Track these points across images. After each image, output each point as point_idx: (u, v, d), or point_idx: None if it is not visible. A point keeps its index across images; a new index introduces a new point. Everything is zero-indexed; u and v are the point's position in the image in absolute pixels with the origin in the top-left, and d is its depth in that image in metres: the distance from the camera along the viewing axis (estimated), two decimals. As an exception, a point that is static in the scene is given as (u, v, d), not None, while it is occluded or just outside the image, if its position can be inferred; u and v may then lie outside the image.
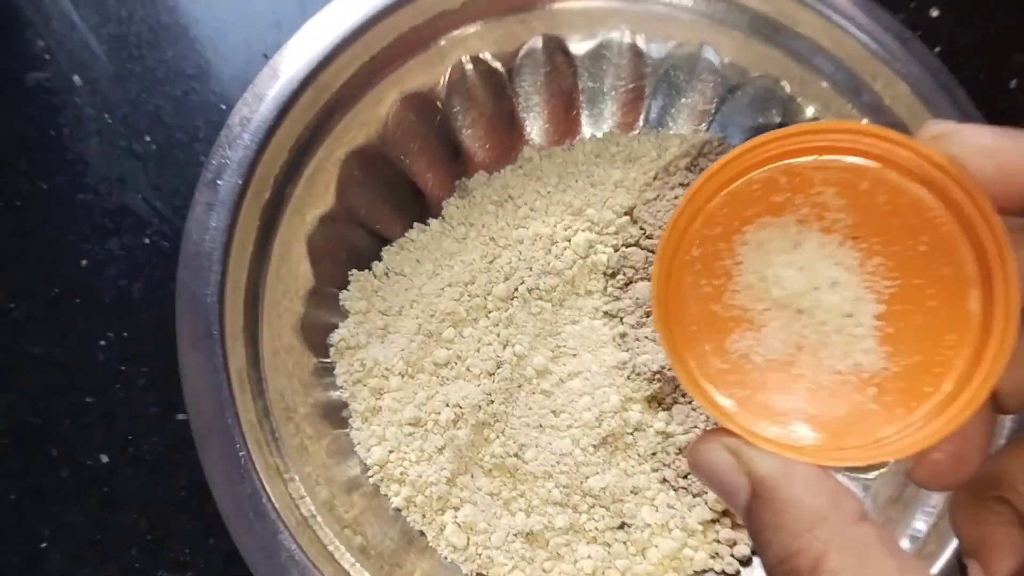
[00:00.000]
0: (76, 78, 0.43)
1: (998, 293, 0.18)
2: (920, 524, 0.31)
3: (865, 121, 0.36)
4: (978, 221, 0.18)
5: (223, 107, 0.42)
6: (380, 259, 0.38)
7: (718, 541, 0.34)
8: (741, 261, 0.20)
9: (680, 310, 0.20)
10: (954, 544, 0.30)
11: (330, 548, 0.31)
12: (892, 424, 0.19)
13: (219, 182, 0.33)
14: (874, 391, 0.19)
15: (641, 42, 0.39)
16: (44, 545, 0.36)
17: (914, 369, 0.19)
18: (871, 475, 0.34)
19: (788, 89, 0.38)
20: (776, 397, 0.19)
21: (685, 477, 0.35)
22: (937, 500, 0.31)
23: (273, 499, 0.30)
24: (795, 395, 0.19)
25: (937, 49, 0.44)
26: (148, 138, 0.42)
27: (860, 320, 0.19)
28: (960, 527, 0.21)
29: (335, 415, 0.36)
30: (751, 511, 0.19)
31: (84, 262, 0.40)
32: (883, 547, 0.17)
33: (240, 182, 0.33)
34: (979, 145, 0.19)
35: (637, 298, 0.37)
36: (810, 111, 0.38)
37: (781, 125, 0.38)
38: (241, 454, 0.31)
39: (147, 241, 0.40)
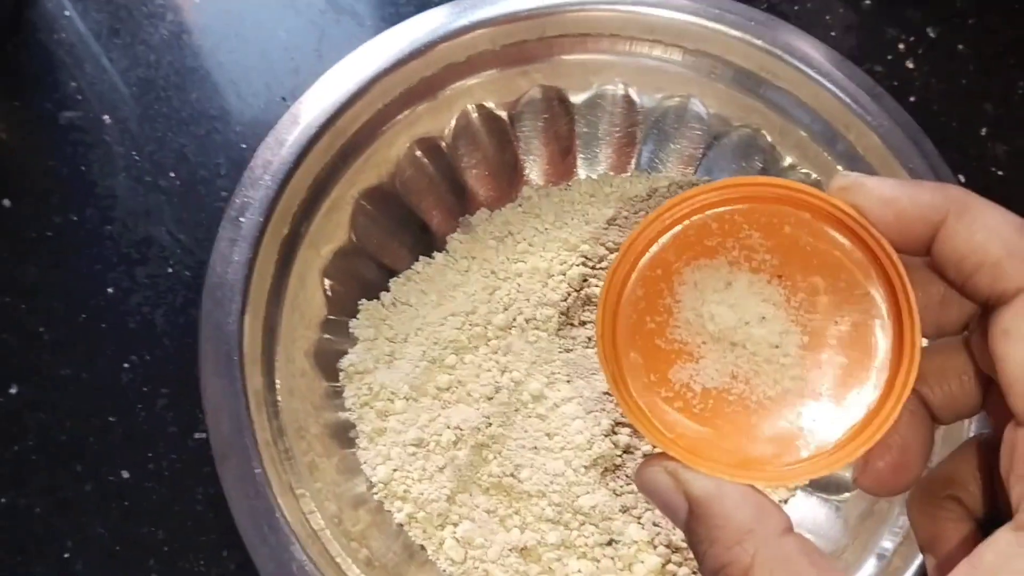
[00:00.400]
0: (106, 118, 0.46)
1: (905, 325, 0.21)
2: (887, 543, 0.33)
3: (840, 168, 0.39)
4: (884, 260, 0.21)
5: (243, 146, 0.45)
6: (388, 290, 0.41)
7: (700, 559, 0.37)
8: (680, 299, 0.22)
9: (627, 345, 0.22)
10: (918, 561, 0.32)
11: (337, 560, 0.33)
12: (816, 445, 0.21)
13: (241, 220, 0.36)
14: (801, 415, 0.21)
15: (633, 93, 0.42)
16: (67, 555, 0.38)
17: (836, 394, 0.21)
18: (843, 496, 0.36)
19: (769, 138, 0.41)
20: (714, 421, 0.22)
21: (670, 498, 0.37)
22: (905, 521, 0.34)
23: (286, 513, 0.33)
24: (730, 419, 0.22)
25: (912, 99, 0.47)
26: (173, 174, 0.45)
27: (787, 351, 0.22)
28: (916, 524, 0.23)
29: (344, 435, 0.38)
30: (689, 527, 0.21)
31: (111, 290, 0.43)
32: (805, 557, 0.19)
33: (261, 220, 0.36)
34: (879, 195, 0.21)
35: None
36: (789, 159, 0.41)
37: (763, 171, 0.41)
38: (257, 471, 0.33)
39: (170, 271, 0.43)
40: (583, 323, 0.40)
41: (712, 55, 0.41)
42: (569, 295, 0.40)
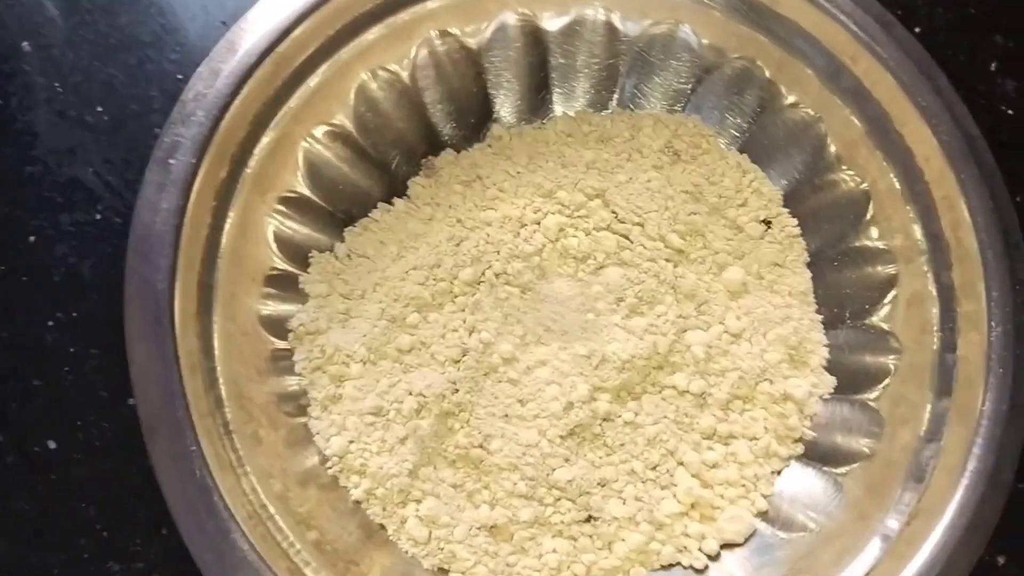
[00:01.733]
0: (25, 44, 0.42)
1: None
2: (892, 523, 0.31)
3: (846, 108, 0.36)
4: None
5: (179, 77, 0.41)
6: (342, 240, 0.37)
7: (686, 535, 0.34)
8: None
9: None
10: (928, 545, 0.30)
11: (284, 544, 0.30)
12: None
13: (171, 161, 0.32)
14: None
15: (616, 19, 0.38)
16: (-11, 534, 0.35)
17: None
18: (844, 468, 0.34)
19: (766, 72, 0.37)
20: None
21: (653, 469, 0.35)
22: (910, 499, 0.31)
23: (224, 494, 0.29)
24: None
25: (917, 29, 0.43)
26: (100, 108, 0.41)
27: None
28: None
29: (293, 403, 0.35)
30: None
31: (32, 238, 0.39)
32: None
33: (194, 161, 0.32)
34: None
35: (608, 284, 0.36)
36: (789, 97, 0.37)
37: (759, 109, 0.38)
38: (191, 448, 0.29)
39: (98, 217, 0.39)
40: (559, 277, 0.37)
41: (705, -23, 0.37)
42: (544, 247, 0.37)
